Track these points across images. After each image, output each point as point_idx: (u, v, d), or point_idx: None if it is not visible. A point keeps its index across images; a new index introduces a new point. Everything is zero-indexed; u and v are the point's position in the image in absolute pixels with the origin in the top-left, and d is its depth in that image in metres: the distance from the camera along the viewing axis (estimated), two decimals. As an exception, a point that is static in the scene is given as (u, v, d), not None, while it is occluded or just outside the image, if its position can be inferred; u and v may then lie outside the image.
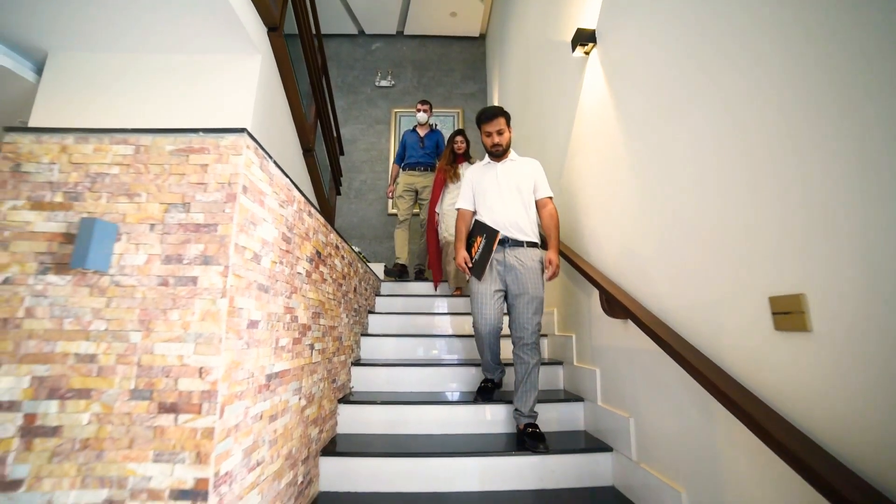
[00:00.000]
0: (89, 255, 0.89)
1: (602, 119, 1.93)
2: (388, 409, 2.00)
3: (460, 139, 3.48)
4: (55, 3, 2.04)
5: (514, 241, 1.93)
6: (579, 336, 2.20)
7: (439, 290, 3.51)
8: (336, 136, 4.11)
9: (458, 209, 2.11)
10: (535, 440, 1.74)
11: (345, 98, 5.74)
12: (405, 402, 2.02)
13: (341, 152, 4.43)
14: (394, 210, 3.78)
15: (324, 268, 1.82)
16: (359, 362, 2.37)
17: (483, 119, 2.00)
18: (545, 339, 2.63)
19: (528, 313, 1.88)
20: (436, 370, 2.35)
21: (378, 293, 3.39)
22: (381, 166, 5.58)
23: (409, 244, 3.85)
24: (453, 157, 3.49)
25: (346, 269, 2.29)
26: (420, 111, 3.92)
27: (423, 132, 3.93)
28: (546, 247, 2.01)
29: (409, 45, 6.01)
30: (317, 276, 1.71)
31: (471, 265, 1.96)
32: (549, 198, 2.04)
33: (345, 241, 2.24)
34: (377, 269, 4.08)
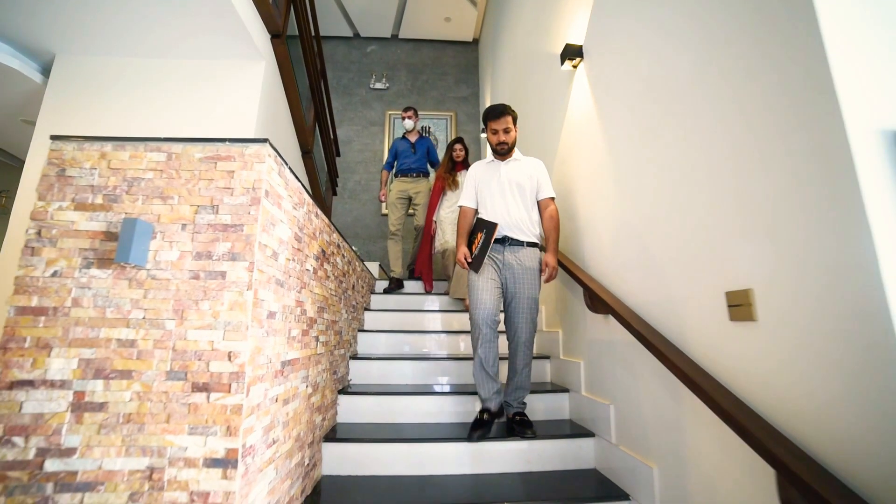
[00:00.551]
0: (132, 251, 1.00)
1: (588, 130, 2.08)
2: (383, 400, 2.13)
3: (459, 147, 3.47)
4: (73, 9, 2.12)
5: (514, 241, 1.94)
6: (565, 331, 2.35)
7: (434, 291, 3.61)
8: (333, 138, 4.20)
9: (460, 206, 2.11)
10: (523, 427, 1.88)
11: (340, 100, 5.84)
12: (399, 393, 2.15)
13: (338, 154, 4.52)
14: (387, 211, 3.82)
15: (327, 265, 1.94)
16: (356, 356, 2.49)
17: (490, 116, 1.99)
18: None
19: (524, 313, 1.93)
20: (428, 364, 2.49)
21: (373, 291, 3.51)
22: (375, 167, 5.69)
23: (402, 257, 3.82)
24: (452, 165, 3.46)
25: (346, 268, 2.41)
26: (406, 118, 3.89)
27: (413, 138, 3.93)
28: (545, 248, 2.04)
29: (404, 49, 6.13)
30: (321, 273, 1.83)
31: (470, 260, 1.96)
32: (551, 198, 2.05)
33: (345, 240, 2.36)
34: (372, 268, 4.18)
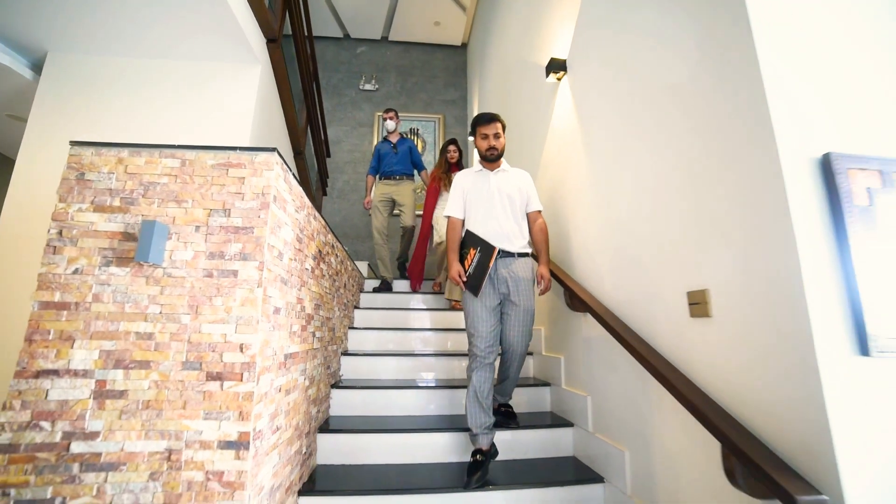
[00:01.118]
0: (150, 251, 1.08)
1: (570, 140, 2.23)
2: (373, 394, 2.23)
3: (453, 148, 3.52)
4: (67, 7, 2.15)
5: (504, 253, 1.91)
6: (547, 329, 2.49)
7: (420, 290, 3.71)
8: (324, 139, 4.26)
9: (447, 217, 2.05)
10: (507, 417, 2.02)
11: (329, 100, 5.88)
12: (388, 387, 2.26)
13: (328, 154, 4.58)
14: (371, 214, 3.84)
15: (323, 265, 2.03)
16: (347, 353, 2.58)
17: (481, 121, 2.00)
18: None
19: (520, 326, 1.91)
20: (415, 360, 2.60)
21: (362, 290, 3.59)
22: (363, 168, 5.74)
23: (390, 260, 3.86)
24: (447, 166, 3.50)
25: (339, 267, 2.49)
26: (388, 119, 3.86)
27: (394, 139, 3.94)
28: (537, 260, 2.05)
29: (394, 51, 6.21)
30: (318, 272, 1.92)
31: (465, 279, 1.90)
32: (539, 212, 2.06)
33: (339, 240, 2.45)
34: (360, 267, 4.25)
